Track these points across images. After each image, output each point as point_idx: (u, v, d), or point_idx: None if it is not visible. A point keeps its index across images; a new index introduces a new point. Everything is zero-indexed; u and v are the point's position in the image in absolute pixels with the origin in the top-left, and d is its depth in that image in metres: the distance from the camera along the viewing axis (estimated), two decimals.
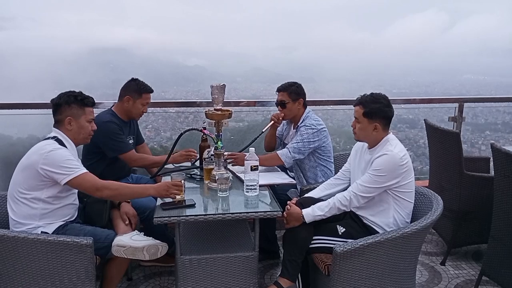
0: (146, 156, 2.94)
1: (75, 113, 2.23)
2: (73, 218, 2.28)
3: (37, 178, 2.10)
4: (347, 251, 1.96)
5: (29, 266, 2.02)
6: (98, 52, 50.26)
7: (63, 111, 2.22)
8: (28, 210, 2.13)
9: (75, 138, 2.26)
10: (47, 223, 2.16)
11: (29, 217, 2.13)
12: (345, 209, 2.24)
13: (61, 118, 2.23)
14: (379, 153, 2.18)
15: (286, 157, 2.82)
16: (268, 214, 2.19)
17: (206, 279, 2.29)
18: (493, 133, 9.98)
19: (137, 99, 2.80)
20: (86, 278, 2.07)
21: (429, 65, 73.83)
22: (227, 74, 39.02)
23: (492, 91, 20.02)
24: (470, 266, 3.09)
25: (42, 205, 2.14)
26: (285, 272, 2.26)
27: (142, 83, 2.84)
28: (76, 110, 2.23)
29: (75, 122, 2.23)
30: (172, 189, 2.18)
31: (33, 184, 2.11)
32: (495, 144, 2.46)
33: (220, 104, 2.58)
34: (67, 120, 2.22)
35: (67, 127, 2.22)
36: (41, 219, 2.15)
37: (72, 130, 2.24)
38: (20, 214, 2.14)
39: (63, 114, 2.22)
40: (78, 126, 2.24)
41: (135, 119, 2.96)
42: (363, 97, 2.27)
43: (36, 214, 2.14)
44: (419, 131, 9.22)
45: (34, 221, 2.14)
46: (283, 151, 2.84)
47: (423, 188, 2.34)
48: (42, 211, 2.14)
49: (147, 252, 2.16)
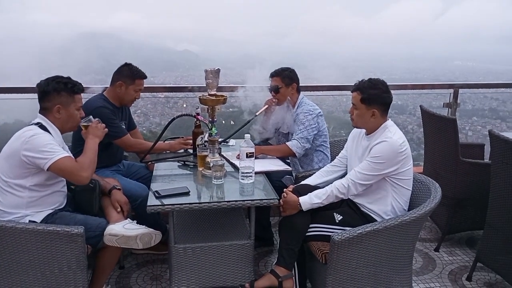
0: (143, 142, 2.87)
1: (64, 101, 2.14)
2: (62, 206, 2.22)
3: (21, 166, 2.03)
4: (345, 240, 1.93)
5: (18, 256, 1.96)
6: (87, 36, 49.51)
7: (52, 98, 2.13)
8: (14, 199, 2.07)
9: (63, 126, 2.18)
10: (35, 212, 2.10)
11: (16, 206, 2.07)
12: (343, 196, 2.20)
13: (49, 106, 2.13)
14: (378, 140, 2.14)
15: (297, 147, 2.79)
16: (264, 202, 2.15)
17: (201, 268, 2.25)
18: (480, 119, 10.07)
19: (129, 84, 2.72)
20: (77, 268, 2.02)
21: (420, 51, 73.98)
22: (218, 59, 38.70)
23: (481, 77, 20.14)
24: (464, 252, 3.09)
25: (28, 193, 2.07)
26: (281, 261, 2.23)
27: (136, 69, 2.75)
28: (66, 98, 2.14)
29: (64, 111, 2.15)
30: (101, 127, 2.22)
31: (17, 172, 2.04)
32: (493, 131, 2.43)
33: (214, 89, 2.51)
34: (56, 109, 2.13)
35: (55, 115, 2.14)
36: (28, 207, 2.08)
37: (60, 119, 2.15)
38: (6, 203, 2.07)
39: (52, 101, 2.13)
40: (67, 114, 2.16)
41: (128, 105, 2.88)
42: (360, 82, 2.22)
43: (23, 203, 2.07)
44: (408, 117, 9.29)
45: (21, 210, 2.08)
46: (293, 142, 2.80)
47: (420, 175, 2.31)
48: (28, 199, 2.08)
49: (141, 241, 2.11)
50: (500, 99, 9.86)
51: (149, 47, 46.29)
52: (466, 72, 24.75)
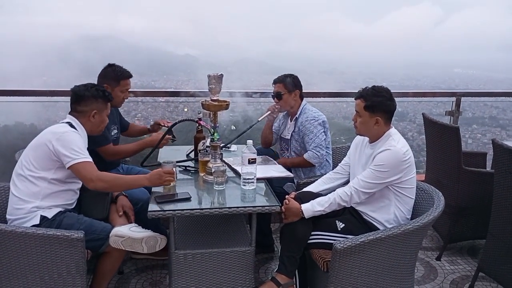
0: (121, 150, 2.74)
1: (100, 107, 2.29)
2: (73, 206, 2.24)
3: (47, 157, 2.10)
4: (347, 248, 1.91)
5: (17, 261, 1.94)
6: (88, 39, 49.55)
7: (89, 103, 2.26)
8: (33, 187, 2.11)
9: (92, 129, 2.31)
10: (48, 206, 2.12)
11: (33, 194, 2.11)
12: (346, 204, 2.18)
13: (85, 110, 2.26)
14: (382, 148, 2.12)
15: (314, 158, 2.82)
16: (266, 209, 2.13)
17: (201, 274, 2.23)
18: (480, 127, 10.08)
19: (115, 86, 2.65)
20: (76, 272, 2.00)
21: (420, 58, 74.11)
22: (218, 64, 38.72)
23: (481, 85, 20.16)
24: (465, 261, 3.07)
25: (46, 185, 2.13)
26: (283, 268, 2.21)
27: (119, 69, 2.69)
28: (102, 104, 2.29)
29: (98, 116, 2.29)
30: (164, 176, 2.18)
31: (42, 163, 2.11)
32: (497, 140, 2.42)
33: (217, 95, 2.50)
34: (92, 113, 2.26)
35: (90, 119, 2.27)
36: (43, 198, 2.12)
37: (94, 122, 2.29)
38: (24, 191, 2.11)
39: (89, 106, 2.26)
40: (100, 119, 2.30)
41: (117, 107, 2.82)
42: (364, 90, 2.21)
43: (40, 192, 2.12)
44: (408, 124, 9.30)
45: (36, 200, 2.11)
46: (309, 154, 2.83)
47: (423, 184, 2.30)
48: (46, 190, 2.12)
49: (146, 244, 2.10)
50: (500, 107, 9.88)
51: (150, 51, 46.34)
52: (466, 80, 24.80)
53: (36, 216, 2.09)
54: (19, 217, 2.09)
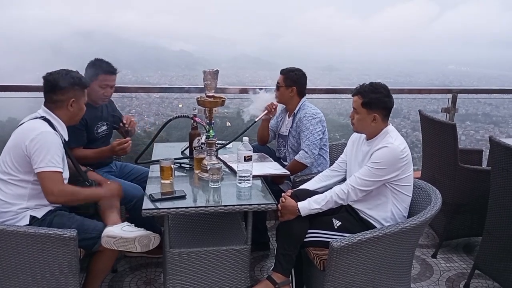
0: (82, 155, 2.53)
1: (78, 95, 2.16)
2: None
3: (24, 160, 2.01)
4: (344, 246, 1.89)
5: (8, 260, 1.90)
6: (82, 34, 49.25)
7: (66, 92, 2.12)
8: (17, 189, 2.05)
9: (71, 119, 2.19)
10: (37, 206, 2.06)
11: (19, 197, 2.05)
12: (343, 202, 2.16)
13: (62, 99, 2.13)
14: (379, 146, 2.10)
15: (305, 158, 2.77)
16: (262, 207, 2.10)
17: (196, 272, 2.20)
18: (473, 124, 10.14)
19: (93, 80, 2.52)
20: (69, 272, 1.97)
21: (414, 55, 74.30)
22: (213, 59, 38.64)
23: (474, 82, 20.27)
24: (461, 259, 3.07)
25: (31, 186, 2.05)
26: (279, 267, 2.19)
27: (99, 64, 2.57)
28: (79, 92, 2.17)
29: (76, 104, 2.16)
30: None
31: (21, 166, 2.03)
32: (494, 137, 2.41)
33: (212, 91, 2.46)
34: (70, 102, 2.14)
35: (69, 108, 2.15)
36: (30, 199, 2.05)
37: (72, 112, 2.17)
38: (9, 193, 2.05)
39: (66, 95, 2.13)
40: (78, 108, 2.19)
41: (98, 103, 2.65)
42: (361, 86, 2.18)
43: (25, 194, 2.05)
44: (402, 120, 9.33)
45: (23, 201, 2.05)
46: (300, 154, 2.78)
47: (420, 181, 2.28)
48: (31, 191, 2.05)
49: (139, 244, 2.06)
50: (494, 104, 9.94)
51: (144, 46, 46.12)
52: (460, 76, 24.92)
53: (25, 216, 2.04)
54: (7, 219, 2.03)
